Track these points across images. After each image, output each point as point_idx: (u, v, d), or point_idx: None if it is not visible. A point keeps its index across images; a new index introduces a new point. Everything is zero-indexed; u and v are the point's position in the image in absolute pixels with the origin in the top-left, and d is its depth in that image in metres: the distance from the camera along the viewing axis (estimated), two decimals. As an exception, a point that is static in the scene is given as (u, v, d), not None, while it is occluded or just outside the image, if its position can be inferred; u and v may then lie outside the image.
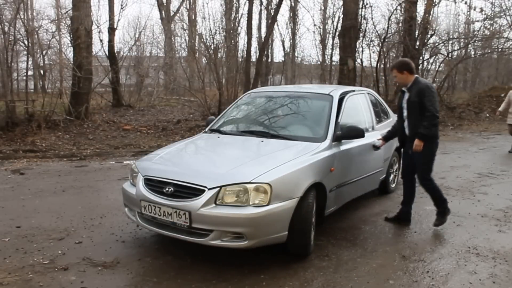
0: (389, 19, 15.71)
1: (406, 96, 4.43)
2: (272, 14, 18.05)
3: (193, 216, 3.29)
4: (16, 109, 10.37)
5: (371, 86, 15.92)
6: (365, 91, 5.61)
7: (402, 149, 4.84)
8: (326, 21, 23.65)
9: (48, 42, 12.49)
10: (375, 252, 3.89)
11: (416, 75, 4.43)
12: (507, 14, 18.26)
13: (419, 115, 4.27)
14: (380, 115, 5.63)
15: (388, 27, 15.78)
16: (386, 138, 4.84)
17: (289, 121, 4.61)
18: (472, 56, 20.71)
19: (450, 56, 18.08)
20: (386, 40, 15.96)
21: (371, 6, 16.69)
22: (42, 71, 16.98)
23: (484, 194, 5.84)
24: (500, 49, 20.59)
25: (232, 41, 15.44)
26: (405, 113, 4.48)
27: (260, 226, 3.29)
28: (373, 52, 17.72)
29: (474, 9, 19.57)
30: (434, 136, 4.32)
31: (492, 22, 17.43)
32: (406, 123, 4.49)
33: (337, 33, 19.06)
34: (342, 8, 14.22)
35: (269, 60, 25.18)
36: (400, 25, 15.94)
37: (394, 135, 4.80)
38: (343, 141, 4.27)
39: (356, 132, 4.25)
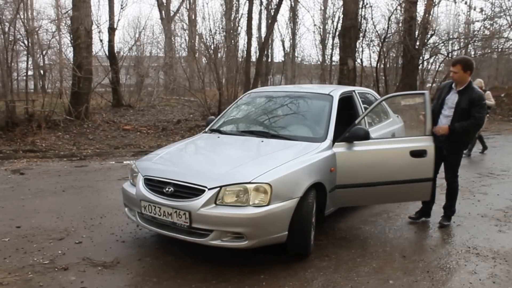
0: (389, 19, 15.72)
1: (455, 97, 4.39)
2: (272, 14, 18.05)
3: (193, 216, 3.29)
4: (16, 109, 10.38)
5: (371, 86, 15.92)
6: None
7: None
8: (326, 21, 23.67)
9: (48, 42, 12.51)
10: (375, 252, 3.89)
11: (470, 79, 4.42)
12: (507, 14, 18.26)
13: (464, 120, 4.33)
14: (380, 115, 5.62)
15: (388, 27, 15.80)
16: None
17: (289, 121, 4.60)
18: (472, 56, 20.67)
19: (450, 56, 18.07)
20: (386, 40, 15.97)
21: (371, 6, 16.73)
22: (42, 71, 16.98)
23: (484, 194, 5.84)
24: (500, 49, 20.61)
25: (232, 41, 15.44)
26: (446, 112, 4.46)
27: (260, 226, 3.29)
28: (373, 52, 17.77)
29: (474, 9, 19.56)
30: (466, 143, 4.59)
31: (492, 22, 17.43)
32: (445, 121, 4.45)
33: (337, 33, 19.07)
34: (342, 8, 14.23)
35: (269, 60, 25.17)
36: (400, 25, 15.95)
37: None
38: (356, 142, 4.09)
39: (359, 134, 4.07)
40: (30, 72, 13.93)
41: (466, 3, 17.39)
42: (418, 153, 4.18)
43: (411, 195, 4.45)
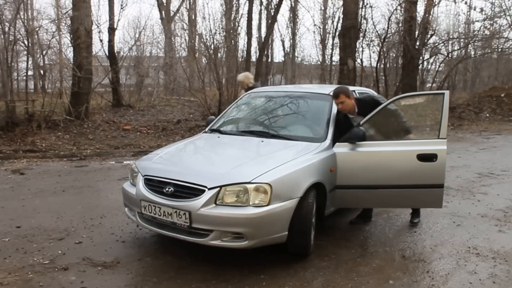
0: (389, 19, 15.71)
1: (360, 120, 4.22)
2: (272, 14, 18.06)
3: (193, 216, 3.29)
4: (16, 109, 10.37)
5: (371, 86, 15.91)
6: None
7: None
8: (326, 21, 23.66)
9: (48, 42, 12.50)
10: (375, 252, 3.89)
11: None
12: (507, 14, 18.26)
13: None
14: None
15: (388, 27, 15.77)
16: None
17: (289, 121, 4.60)
18: (472, 56, 20.68)
19: (450, 56, 18.06)
20: (386, 40, 15.95)
21: (371, 6, 16.67)
22: (42, 71, 16.97)
23: (484, 194, 5.84)
24: (500, 49, 20.57)
25: (232, 41, 15.41)
26: None
27: (260, 226, 3.29)
28: (373, 52, 17.74)
29: (474, 9, 19.57)
30: None
31: (492, 22, 17.42)
32: None
33: (337, 33, 19.06)
34: (342, 8, 14.23)
35: (269, 60, 25.16)
36: (400, 25, 15.93)
37: None
38: (360, 143, 4.03)
39: (357, 135, 4.03)
40: (30, 72, 13.95)
41: (466, 3, 17.39)
42: (426, 157, 3.95)
43: (420, 202, 4.24)
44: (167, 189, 3.47)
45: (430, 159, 3.95)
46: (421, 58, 16.44)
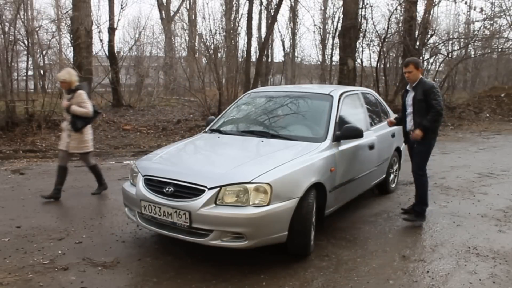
0: (389, 19, 15.70)
1: (412, 94, 4.61)
2: (272, 14, 18.03)
3: (193, 216, 3.29)
4: (16, 109, 10.38)
5: (371, 86, 15.91)
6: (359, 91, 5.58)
7: (406, 145, 5.01)
8: (326, 21, 23.64)
9: (48, 42, 12.51)
10: (375, 252, 3.89)
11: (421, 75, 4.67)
12: (507, 14, 18.25)
13: (425, 112, 4.47)
14: (380, 115, 5.63)
15: (388, 27, 15.77)
16: (397, 123, 5.06)
17: (289, 121, 4.61)
18: (472, 56, 20.66)
19: (450, 56, 18.05)
20: (386, 40, 15.95)
21: (371, 6, 16.69)
22: (42, 71, 16.97)
23: (484, 194, 5.84)
24: (500, 49, 20.57)
25: (232, 41, 15.41)
26: (408, 110, 4.68)
27: (260, 226, 3.29)
28: (373, 52, 17.72)
29: (474, 9, 19.61)
30: (434, 131, 4.59)
31: (492, 22, 17.41)
32: (408, 119, 4.70)
33: (337, 33, 19.04)
34: (342, 8, 14.23)
35: (269, 60, 25.13)
36: (400, 25, 15.93)
37: (399, 123, 4.99)
38: (342, 141, 4.25)
39: (355, 132, 4.23)
40: (30, 72, 13.93)
41: (466, 3, 17.40)
42: (369, 146, 4.81)
43: (369, 184, 5.08)
44: (167, 189, 3.47)
45: (372, 147, 4.86)
46: (421, 58, 16.43)
